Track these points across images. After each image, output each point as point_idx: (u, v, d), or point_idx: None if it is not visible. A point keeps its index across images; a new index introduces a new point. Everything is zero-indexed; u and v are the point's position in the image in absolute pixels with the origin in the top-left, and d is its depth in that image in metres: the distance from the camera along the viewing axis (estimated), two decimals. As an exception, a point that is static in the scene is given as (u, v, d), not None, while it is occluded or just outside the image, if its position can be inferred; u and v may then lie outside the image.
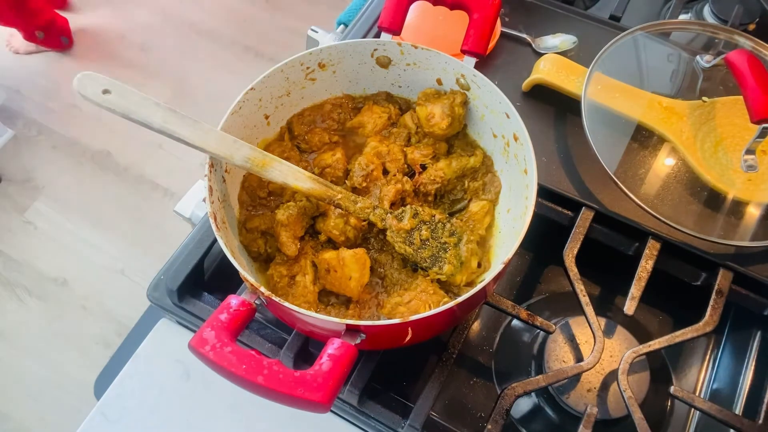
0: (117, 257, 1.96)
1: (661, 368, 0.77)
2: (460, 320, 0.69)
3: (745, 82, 0.71)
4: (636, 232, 0.75)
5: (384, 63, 0.71)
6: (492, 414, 0.64)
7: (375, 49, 0.70)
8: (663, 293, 0.78)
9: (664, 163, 0.78)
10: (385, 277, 0.67)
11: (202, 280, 0.76)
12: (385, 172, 0.71)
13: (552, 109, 0.84)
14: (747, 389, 0.74)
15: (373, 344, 0.60)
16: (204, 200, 0.70)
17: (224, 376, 0.48)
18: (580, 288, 0.71)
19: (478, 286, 0.55)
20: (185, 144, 0.58)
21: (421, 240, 0.64)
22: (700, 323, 0.70)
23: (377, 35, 0.87)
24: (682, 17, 0.99)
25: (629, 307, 0.71)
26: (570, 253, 0.73)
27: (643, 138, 0.79)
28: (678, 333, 0.69)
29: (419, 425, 0.64)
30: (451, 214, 0.71)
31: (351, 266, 0.63)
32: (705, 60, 0.84)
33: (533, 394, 0.75)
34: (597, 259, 0.77)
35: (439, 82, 0.71)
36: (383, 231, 0.66)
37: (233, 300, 0.52)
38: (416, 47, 0.68)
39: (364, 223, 0.67)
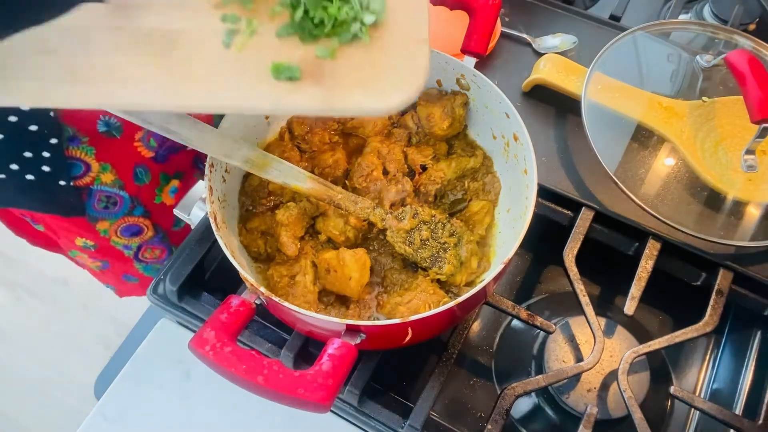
0: (117, 257, 1.96)
1: (661, 368, 0.77)
2: (460, 320, 0.69)
3: (745, 82, 0.71)
4: (636, 232, 0.75)
5: (384, 63, 0.71)
6: (492, 414, 0.64)
7: (375, 49, 0.70)
8: (663, 293, 0.78)
9: (664, 163, 0.78)
10: (385, 277, 0.67)
11: (202, 280, 0.76)
12: (386, 172, 0.71)
13: (552, 109, 0.84)
14: (747, 389, 0.74)
15: (373, 344, 0.60)
16: (204, 200, 0.70)
17: (224, 376, 0.48)
18: (580, 288, 0.71)
19: (478, 286, 0.55)
20: (185, 144, 0.58)
21: (421, 240, 0.64)
22: (700, 323, 0.70)
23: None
24: (682, 17, 0.99)
25: (629, 307, 0.71)
26: (570, 253, 0.73)
27: (643, 138, 0.79)
28: (678, 333, 0.69)
29: (419, 425, 0.64)
30: (451, 215, 0.71)
31: (351, 266, 0.63)
32: (705, 60, 0.84)
33: (533, 394, 0.75)
34: (597, 259, 0.77)
35: (438, 83, 0.71)
36: (383, 231, 0.66)
37: (233, 300, 0.52)
38: (416, 47, 0.68)
39: (364, 223, 0.67)
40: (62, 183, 0.77)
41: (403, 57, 0.46)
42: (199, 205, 0.74)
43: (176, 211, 0.74)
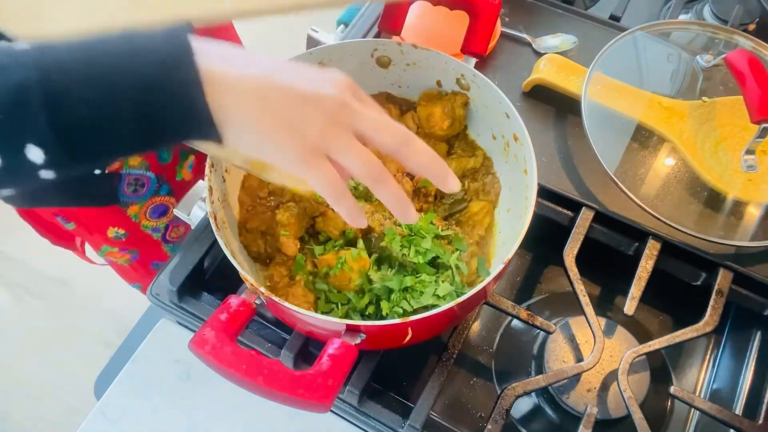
0: (117, 257, 1.96)
1: (661, 368, 0.77)
2: (460, 320, 0.69)
3: (745, 82, 0.71)
4: (636, 232, 0.75)
5: (384, 63, 0.71)
6: (492, 414, 0.64)
7: (375, 49, 0.70)
8: (663, 293, 0.78)
9: (664, 163, 0.78)
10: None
11: (202, 280, 0.76)
12: (385, 172, 0.71)
13: (552, 109, 0.84)
14: (747, 389, 0.74)
15: (373, 344, 0.60)
16: (204, 200, 0.70)
17: (224, 376, 0.48)
18: (580, 288, 0.71)
19: (478, 286, 0.55)
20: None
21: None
22: (700, 323, 0.70)
23: (377, 35, 0.87)
24: (682, 17, 0.99)
25: (629, 307, 0.71)
26: (570, 253, 0.73)
27: (643, 138, 0.79)
28: (678, 333, 0.69)
29: (419, 425, 0.64)
30: (451, 215, 0.71)
31: (351, 267, 0.63)
32: (705, 60, 0.84)
33: (533, 394, 0.75)
34: (597, 259, 0.77)
35: (438, 83, 0.71)
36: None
37: (233, 300, 0.52)
38: (416, 47, 0.68)
39: (364, 223, 0.67)
40: (97, 172, 0.78)
41: None
42: (199, 205, 0.74)
43: (176, 211, 0.74)
